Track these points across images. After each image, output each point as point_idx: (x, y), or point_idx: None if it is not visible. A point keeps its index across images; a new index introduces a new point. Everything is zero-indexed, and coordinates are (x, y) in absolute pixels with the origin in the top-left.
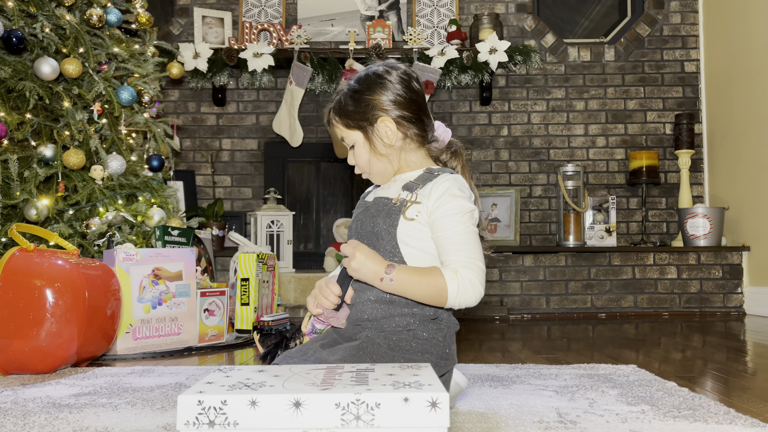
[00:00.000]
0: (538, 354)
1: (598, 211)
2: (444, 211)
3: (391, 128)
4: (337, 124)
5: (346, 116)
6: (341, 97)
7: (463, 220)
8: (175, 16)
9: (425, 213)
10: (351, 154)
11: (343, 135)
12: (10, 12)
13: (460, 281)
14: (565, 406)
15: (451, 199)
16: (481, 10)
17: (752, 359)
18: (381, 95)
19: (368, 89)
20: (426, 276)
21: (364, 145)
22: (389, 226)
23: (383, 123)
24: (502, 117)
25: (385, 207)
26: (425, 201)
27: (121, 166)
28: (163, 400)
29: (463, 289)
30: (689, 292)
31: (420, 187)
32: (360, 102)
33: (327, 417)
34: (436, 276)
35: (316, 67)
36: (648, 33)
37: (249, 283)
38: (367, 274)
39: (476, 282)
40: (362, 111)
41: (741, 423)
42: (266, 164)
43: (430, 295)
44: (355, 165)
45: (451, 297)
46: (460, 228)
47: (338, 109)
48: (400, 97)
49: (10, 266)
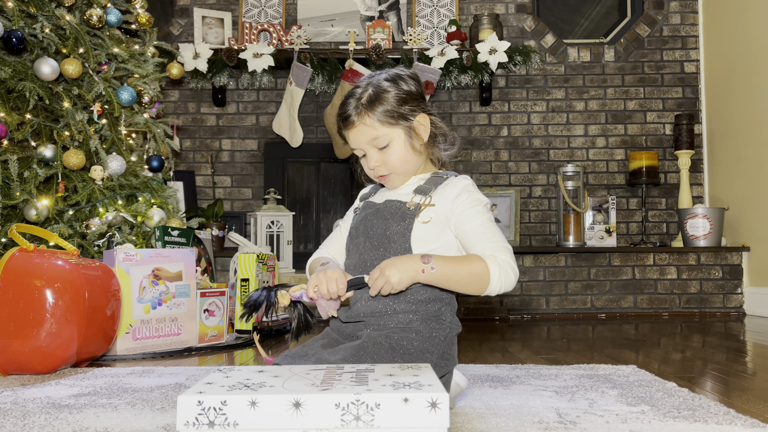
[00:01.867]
0: (538, 354)
1: (598, 212)
2: (465, 206)
3: (426, 124)
4: (370, 122)
5: (385, 112)
6: (372, 94)
7: (484, 210)
8: (175, 16)
9: (442, 214)
10: (376, 154)
11: (376, 134)
12: (10, 12)
13: (501, 264)
14: (565, 406)
15: (469, 194)
16: (481, 11)
17: (752, 360)
18: (414, 89)
19: (404, 84)
20: (465, 262)
21: (404, 143)
22: (404, 230)
23: (423, 118)
24: (502, 117)
25: (398, 210)
26: (440, 203)
27: (121, 167)
28: (163, 400)
29: (504, 273)
30: (689, 293)
31: (432, 191)
32: (401, 96)
33: (327, 417)
34: (476, 261)
35: (316, 67)
36: (648, 33)
37: (249, 284)
38: (409, 275)
39: (513, 264)
40: (403, 105)
41: (741, 423)
42: (266, 165)
43: (472, 281)
44: (380, 166)
45: (494, 280)
46: (484, 218)
47: (375, 101)
48: (423, 95)
49: (10, 266)
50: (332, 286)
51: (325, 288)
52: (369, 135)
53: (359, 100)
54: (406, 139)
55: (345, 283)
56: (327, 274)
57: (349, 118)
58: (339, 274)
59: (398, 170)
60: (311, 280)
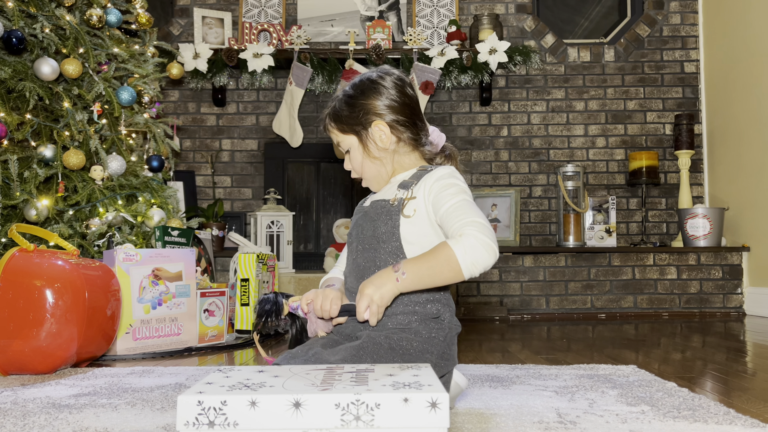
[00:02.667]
0: (538, 354)
1: (598, 212)
2: (437, 190)
3: (385, 132)
4: (333, 129)
5: (341, 121)
6: (336, 103)
7: (458, 191)
8: (175, 16)
9: (422, 204)
10: (347, 158)
11: (338, 140)
12: (10, 12)
13: (464, 241)
14: (565, 406)
15: (447, 179)
16: (481, 11)
17: (752, 360)
18: (375, 100)
19: (362, 94)
20: (432, 255)
21: (359, 149)
22: (392, 228)
23: (377, 127)
24: (502, 117)
25: (383, 209)
26: (419, 194)
27: (121, 167)
28: (162, 400)
29: (471, 248)
30: (689, 293)
31: (415, 184)
32: (354, 107)
33: (327, 417)
34: (441, 249)
35: (316, 67)
36: (648, 33)
37: (249, 284)
38: (388, 290)
39: (482, 237)
40: (356, 115)
41: (741, 423)
42: (266, 165)
43: (445, 269)
44: (351, 169)
45: (461, 259)
46: (457, 198)
47: (333, 115)
48: (394, 102)
49: (10, 266)
50: (326, 305)
51: (319, 304)
52: (335, 140)
53: (332, 104)
54: (360, 146)
55: (337, 308)
56: (325, 292)
57: (324, 123)
58: (335, 296)
59: (362, 174)
60: (308, 293)
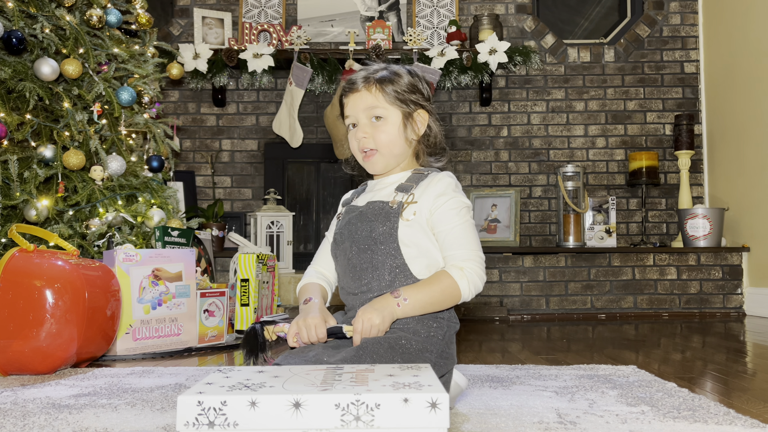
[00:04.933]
0: (538, 355)
1: (598, 212)
2: (446, 207)
3: (424, 120)
4: (375, 93)
5: (395, 92)
6: (391, 73)
7: (462, 213)
8: (175, 16)
9: (423, 211)
10: (367, 126)
11: (376, 104)
12: (10, 13)
13: (468, 276)
14: (565, 406)
15: (452, 194)
16: (481, 11)
17: (752, 360)
18: (424, 88)
19: (419, 80)
20: (435, 283)
21: (397, 125)
22: (390, 229)
23: (424, 113)
24: (502, 118)
25: (381, 211)
26: (422, 200)
27: (121, 167)
28: (162, 400)
29: (472, 284)
30: (689, 293)
31: (414, 188)
32: (412, 86)
33: (327, 417)
34: (444, 278)
35: (316, 67)
36: (648, 34)
37: (249, 284)
38: (389, 314)
39: (480, 272)
40: (411, 93)
41: (741, 424)
42: (266, 165)
43: (445, 299)
44: (368, 138)
45: (464, 294)
46: (460, 221)
47: (387, 80)
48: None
49: (10, 267)
50: (312, 335)
51: (306, 337)
52: (368, 102)
53: (372, 74)
54: (402, 123)
55: (324, 332)
56: (307, 321)
57: (354, 84)
58: (318, 322)
59: (383, 149)
60: (291, 327)
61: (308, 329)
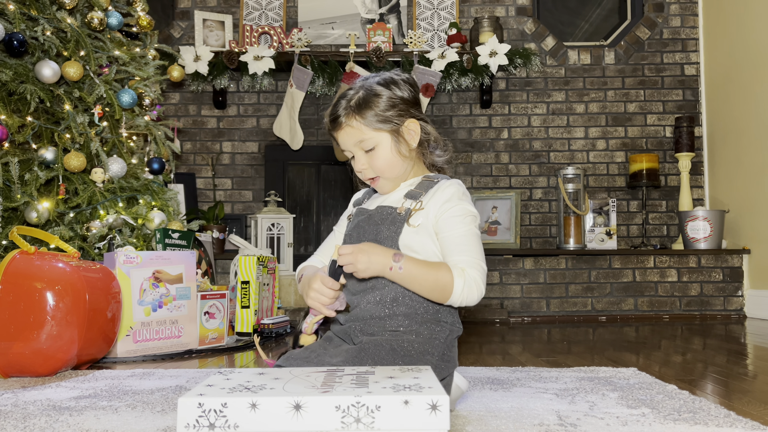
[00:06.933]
0: (539, 357)
1: (599, 214)
2: (450, 213)
3: (416, 130)
4: (357, 125)
5: (376, 115)
6: (361, 97)
7: (467, 221)
8: (176, 19)
9: (431, 218)
10: (362, 157)
11: (363, 137)
12: (12, 15)
13: (466, 279)
14: (566, 409)
15: (458, 202)
16: (482, 14)
17: (753, 362)
18: (406, 95)
19: (396, 89)
20: (434, 269)
21: (388, 147)
22: (393, 233)
23: (413, 123)
24: (503, 120)
25: (389, 216)
26: (429, 207)
27: (121, 169)
28: (163, 402)
29: (468, 288)
30: (689, 295)
31: (423, 195)
32: (391, 100)
33: (327, 419)
34: (444, 271)
35: (317, 70)
36: (648, 36)
37: (249, 286)
38: (376, 268)
39: (480, 283)
40: (392, 109)
41: (741, 426)
42: (267, 167)
43: (435, 288)
44: (367, 169)
45: (456, 293)
46: (465, 229)
47: (364, 104)
48: (417, 101)
49: (11, 269)
50: (323, 298)
51: (319, 304)
52: (356, 137)
53: (349, 102)
54: (393, 144)
55: (331, 282)
56: (310, 294)
57: (337, 119)
58: (317, 282)
59: (384, 174)
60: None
61: (320, 292)
